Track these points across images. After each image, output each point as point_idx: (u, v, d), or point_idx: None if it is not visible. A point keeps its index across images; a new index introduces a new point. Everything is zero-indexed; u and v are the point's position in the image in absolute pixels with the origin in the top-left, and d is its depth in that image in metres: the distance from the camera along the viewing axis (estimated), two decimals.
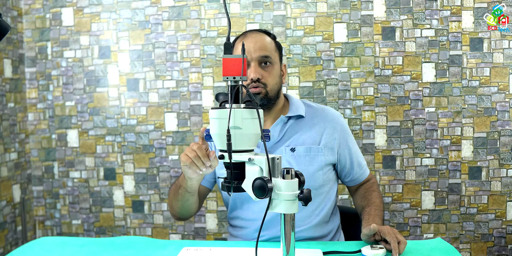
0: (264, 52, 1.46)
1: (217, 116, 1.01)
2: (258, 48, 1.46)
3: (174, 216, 1.58)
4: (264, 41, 1.49)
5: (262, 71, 1.46)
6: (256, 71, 1.44)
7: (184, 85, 2.53)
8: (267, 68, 1.47)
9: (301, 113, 1.52)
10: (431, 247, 1.27)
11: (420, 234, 2.49)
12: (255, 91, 1.45)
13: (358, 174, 1.59)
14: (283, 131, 1.50)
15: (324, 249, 1.25)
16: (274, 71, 1.49)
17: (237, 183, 1.03)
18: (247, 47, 1.46)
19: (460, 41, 2.42)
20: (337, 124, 1.53)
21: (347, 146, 1.54)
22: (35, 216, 2.68)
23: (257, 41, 1.47)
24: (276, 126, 1.50)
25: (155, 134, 2.56)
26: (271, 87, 1.47)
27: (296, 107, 1.54)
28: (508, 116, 2.43)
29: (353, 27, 2.45)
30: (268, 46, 1.48)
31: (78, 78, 2.59)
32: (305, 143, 1.48)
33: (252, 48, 1.46)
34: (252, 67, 1.45)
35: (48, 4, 2.58)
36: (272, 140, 1.49)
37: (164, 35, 2.53)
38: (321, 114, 1.55)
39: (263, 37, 1.50)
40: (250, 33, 1.52)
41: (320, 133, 1.50)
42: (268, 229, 1.44)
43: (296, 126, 1.52)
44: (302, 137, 1.49)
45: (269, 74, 1.47)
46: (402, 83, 2.45)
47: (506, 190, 2.45)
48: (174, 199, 1.50)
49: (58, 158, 2.63)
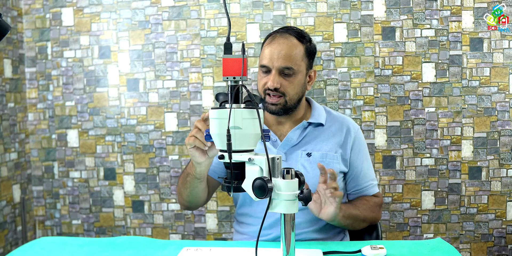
0: (287, 62, 1.41)
1: (217, 116, 1.01)
2: (282, 57, 1.40)
3: (183, 204, 1.54)
4: (291, 49, 1.42)
5: (282, 80, 1.42)
6: (274, 80, 1.40)
7: (184, 85, 2.53)
8: (289, 78, 1.43)
9: (322, 121, 1.51)
10: (431, 247, 1.27)
11: (420, 234, 2.49)
12: (272, 101, 1.42)
13: (363, 185, 1.56)
14: (302, 135, 1.50)
15: (324, 249, 1.25)
16: (296, 80, 1.44)
17: (237, 183, 1.03)
18: (271, 53, 1.41)
19: (460, 41, 2.42)
20: (355, 136, 1.53)
21: (359, 158, 1.53)
22: (35, 216, 2.68)
23: (283, 49, 1.41)
24: (296, 130, 1.49)
25: (155, 134, 2.56)
26: (291, 96, 1.44)
27: (318, 114, 1.53)
28: (508, 116, 2.43)
29: (353, 27, 2.45)
30: (293, 55, 1.42)
31: (78, 78, 2.59)
32: (321, 150, 1.48)
33: (276, 55, 1.41)
34: (272, 76, 1.41)
35: (48, 4, 2.58)
36: (290, 144, 1.48)
37: (164, 35, 2.53)
38: (341, 124, 1.54)
39: (291, 43, 1.43)
40: (280, 37, 1.44)
41: (337, 142, 1.50)
42: (273, 228, 1.44)
43: (315, 132, 1.51)
44: (319, 144, 1.49)
45: (289, 84, 1.42)
46: (402, 83, 2.45)
47: (506, 190, 2.45)
48: (182, 186, 1.47)
49: (58, 158, 2.63)
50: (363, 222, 1.48)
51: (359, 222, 1.46)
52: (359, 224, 1.48)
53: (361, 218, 1.46)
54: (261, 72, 1.46)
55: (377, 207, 1.55)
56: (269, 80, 1.41)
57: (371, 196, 1.58)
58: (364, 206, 1.50)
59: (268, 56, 1.42)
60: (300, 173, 1.03)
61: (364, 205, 1.50)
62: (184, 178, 1.44)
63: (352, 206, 1.45)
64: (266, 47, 1.45)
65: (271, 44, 1.44)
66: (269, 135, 1.06)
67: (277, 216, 1.43)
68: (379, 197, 1.60)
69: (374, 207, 1.53)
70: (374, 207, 1.54)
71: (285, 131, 1.52)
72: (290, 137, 1.48)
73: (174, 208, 2.58)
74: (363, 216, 1.47)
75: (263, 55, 1.45)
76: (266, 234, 1.43)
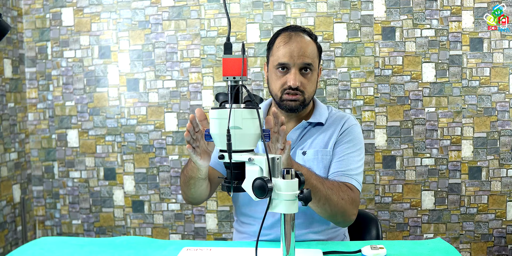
0: (308, 59, 1.41)
1: (217, 116, 1.01)
2: (303, 54, 1.41)
3: (187, 200, 1.51)
4: (309, 47, 1.43)
5: (302, 78, 1.42)
6: (296, 78, 1.40)
7: (184, 85, 2.53)
8: (307, 75, 1.43)
9: (322, 120, 1.50)
10: (431, 247, 1.27)
11: (420, 234, 2.49)
12: (293, 98, 1.41)
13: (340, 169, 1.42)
14: (301, 135, 1.50)
15: (324, 249, 1.25)
16: (313, 78, 1.45)
17: (237, 183, 1.03)
18: (290, 51, 1.41)
19: (460, 41, 2.42)
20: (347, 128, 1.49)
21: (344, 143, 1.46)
22: (35, 216, 2.68)
23: (302, 47, 1.41)
24: (296, 130, 1.49)
25: (155, 134, 2.56)
26: (309, 94, 1.44)
27: (320, 113, 1.52)
28: (508, 116, 2.43)
29: (353, 27, 2.45)
30: (311, 52, 1.43)
31: (78, 78, 2.59)
32: (315, 147, 1.48)
33: (296, 53, 1.40)
34: (292, 74, 1.40)
35: (48, 4, 2.58)
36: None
37: (164, 35, 2.53)
38: (339, 121, 1.52)
39: (307, 41, 1.44)
40: (296, 35, 1.45)
41: (329, 136, 1.49)
42: (273, 229, 1.43)
43: (313, 131, 1.51)
44: (314, 141, 1.49)
45: (308, 82, 1.43)
46: (402, 83, 2.45)
47: (506, 190, 2.45)
48: (186, 188, 1.42)
49: (58, 158, 2.63)
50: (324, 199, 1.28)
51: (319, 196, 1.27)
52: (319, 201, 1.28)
53: (322, 193, 1.27)
54: (278, 72, 1.44)
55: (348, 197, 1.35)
56: (288, 80, 1.41)
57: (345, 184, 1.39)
58: (332, 186, 1.32)
59: (288, 54, 1.41)
60: (300, 173, 1.03)
61: (332, 184, 1.33)
62: (187, 181, 1.40)
63: (317, 177, 1.29)
64: (283, 46, 1.44)
65: (289, 43, 1.43)
66: (269, 135, 1.06)
67: (277, 216, 1.43)
68: (353, 192, 1.39)
69: (343, 195, 1.34)
70: (345, 195, 1.34)
71: (288, 130, 1.52)
72: (289, 137, 1.48)
73: (174, 208, 2.58)
74: (325, 193, 1.28)
75: (279, 53, 1.43)
76: (266, 234, 1.43)
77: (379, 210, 2.49)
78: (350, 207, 1.36)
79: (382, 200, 2.49)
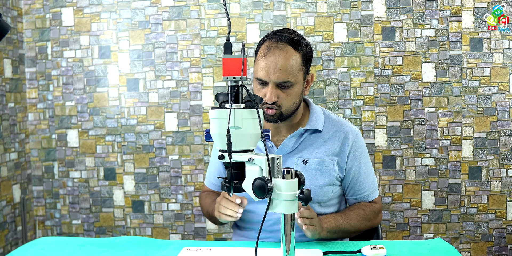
0: (284, 76, 1.35)
1: (217, 116, 1.01)
2: (278, 70, 1.35)
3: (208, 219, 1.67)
4: (287, 62, 1.36)
5: (279, 92, 1.37)
6: (271, 93, 1.36)
7: (184, 85, 2.53)
8: (286, 90, 1.38)
9: (319, 127, 1.46)
10: (431, 247, 1.27)
11: (420, 234, 2.49)
12: (269, 113, 1.39)
13: (360, 192, 1.51)
14: (298, 142, 1.46)
15: (324, 249, 1.25)
16: (294, 92, 1.40)
17: (237, 183, 1.03)
18: (267, 67, 1.35)
19: (460, 41, 2.42)
20: (353, 142, 1.47)
21: (355, 164, 1.48)
22: (35, 216, 2.68)
23: (279, 62, 1.35)
24: (292, 137, 1.45)
25: (155, 134, 2.56)
26: (287, 108, 1.40)
27: (316, 119, 1.48)
28: (508, 116, 2.43)
29: (353, 27, 2.45)
30: (290, 68, 1.36)
31: (78, 78, 2.59)
32: (317, 157, 1.45)
33: (272, 69, 1.35)
34: (269, 89, 1.36)
35: (48, 4, 2.58)
36: (285, 151, 1.45)
37: (164, 35, 2.53)
38: (339, 129, 1.48)
39: (287, 55, 1.36)
40: (275, 47, 1.37)
41: (334, 148, 1.46)
42: (274, 232, 1.43)
43: (312, 138, 1.47)
44: (316, 150, 1.45)
45: (286, 96, 1.38)
46: (402, 83, 2.45)
47: (506, 190, 2.45)
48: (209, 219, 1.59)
49: (58, 158, 2.63)
50: (354, 233, 1.47)
51: (349, 233, 1.44)
52: (350, 235, 1.47)
53: (351, 231, 1.42)
54: (258, 84, 1.41)
55: (374, 214, 1.50)
56: (266, 93, 1.37)
57: (369, 203, 1.52)
58: (358, 217, 1.45)
59: (264, 69, 1.36)
60: (300, 173, 1.03)
61: (358, 216, 1.45)
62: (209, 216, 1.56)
63: (342, 219, 1.40)
64: (261, 60, 1.38)
65: (266, 57, 1.37)
66: (269, 135, 1.06)
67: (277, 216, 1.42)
68: (377, 204, 1.53)
69: (370, 215, 1.48)
70: (371, 215, 1.48)
71: (282, 136, 1.48)
72: (285, 144, 1.45)
73: (174, 208, 2.58)
74: (354, 228, 1.42)
75: (258, 68, 1.39)
76: (265, 238, 1.43)
77: None
78: (376, 220, 1.53)
79: (382, 200, 2.49)
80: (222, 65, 1.00)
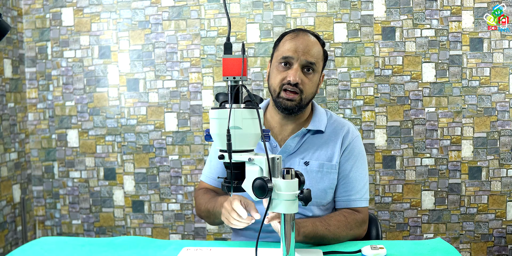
0: (312, 58, 1.39)
1: (217, 116, 1.01)
2: (308, 52, 1.39)
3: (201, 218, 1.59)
4: (315, 47, 1.42)
5: (303, 76, 1.39)
6: (296, 74, 1.37)
7: (184, 85, 2.53)
8: (309, 75, 1.40)
9: (321, 128, 1.46)
10: (431, 247, 1.27)
11: (420, 234, 2.49)
12: (290, 97, 1.38)
13: (347, 194, 1.45)
14: (300, 143, 1.46)
15: (324, 249, 1.25)
16: (315, 79, 1.42)
17: (237, 183, 1.03)
18: (295, 46, 1.39)
19: (460, 41, 2.42)
20: (350, 143, 1.47)
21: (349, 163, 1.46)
22: (35, 216, 2.68)
23: (308, 45, 1.40)
24: (294, 137, 1.45)
25: (155, 134, 2.56)
26: (307, 95, 1.41)
27: (319, 120, 1.48)
28: (508, 116, 2.43)
29: (353, 27, 2.45)
30: (316, 52, 1.42)
31: (78, 78, 2.59)
32: (319, 159, 1.44)
33: (301, 50, 1.39)
34: (294, 70, 1.38)
35: (48, 4, 2.58)
36: (288, 151, 1.45)
37: (164, 35, 2.53)
38: (340, 131, 1.48)
39: (314, 42, 1.43)
40: (303, 33, 1.44)
41: (334, 150, 1.45)
42: (273, 232, 1.43)
43: (314, 140, 1.47)
44: (317, 152, 1.45)
45: (309, 81, 1.40)
46: (402, 83, 2.45)
47: (506, 190, 2.45)
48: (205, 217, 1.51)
49: (58, 158, 2.63)
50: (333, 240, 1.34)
51: (328, 240, 1.33)
52: (329, 242, 1.34)
53: (329, 237, 1.32)
54: (280, 66, 1.42)
55: (356, 223, 1.40)
56: (289, 75, 1.38)
57: (351, 211, 1.44)
58: (339, 223, 1.36)
59: (293, 48, 1.40)
60: (300, 173, 1.03)
61: (338, 222, 1.36)
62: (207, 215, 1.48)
63: (322, 224, 1.32)
64: (289, 41, 1.42)
65: (295, 38, 1.41)
66: (269, 135, 1.06)
67: None
68: (361, 213, 1.44)
69: (352, 224, 1.39)
70: (353, 223, 1.39)
71: (287, 135, 1.49)
72: (288, 144, 1.45)
73: (174, 208, 2.58)
74: (333, 235, 1.33)
75: (284, 48, 1.42)
76: (265, 237, 1.43)
77: (379, 210, 2.49)
78: (359, 230, 1.42)
79: (382, 200, 2.49)
80: (222, 65, 1.00)
